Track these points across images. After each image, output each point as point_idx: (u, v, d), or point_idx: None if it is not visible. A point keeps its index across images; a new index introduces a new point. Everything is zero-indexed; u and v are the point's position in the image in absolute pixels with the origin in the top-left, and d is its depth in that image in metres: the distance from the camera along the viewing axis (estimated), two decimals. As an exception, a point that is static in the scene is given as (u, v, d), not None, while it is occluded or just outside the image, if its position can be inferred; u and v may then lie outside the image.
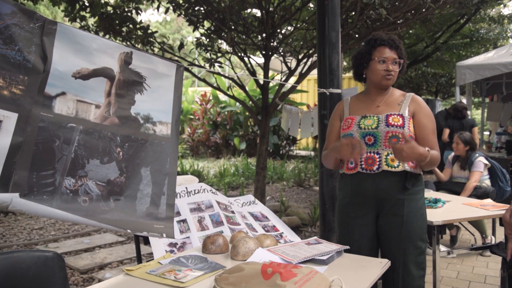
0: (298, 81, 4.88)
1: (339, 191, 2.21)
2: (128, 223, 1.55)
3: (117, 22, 4.58)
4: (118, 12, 4.60)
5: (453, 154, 4.57)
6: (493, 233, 4.00)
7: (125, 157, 1.60)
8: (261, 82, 4.89)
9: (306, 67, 4.88)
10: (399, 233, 2.00)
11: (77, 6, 4.55)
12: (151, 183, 1.65)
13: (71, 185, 1.46)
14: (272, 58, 4.95)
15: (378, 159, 2.00)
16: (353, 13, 4.40)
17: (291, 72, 4.97)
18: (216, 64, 4.82)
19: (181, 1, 4.65)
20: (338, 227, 2.20)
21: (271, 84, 9.35)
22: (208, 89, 13.16)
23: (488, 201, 3.27)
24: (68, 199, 1.44)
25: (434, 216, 2.81)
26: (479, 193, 4.17)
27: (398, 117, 2.00)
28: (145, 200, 1.62)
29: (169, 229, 1.64)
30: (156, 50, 4.94)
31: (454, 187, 4.32)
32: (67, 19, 4.71)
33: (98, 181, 1.52)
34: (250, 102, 9.17)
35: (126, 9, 4.68)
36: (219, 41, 5.22)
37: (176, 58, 4.68)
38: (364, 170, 2.02)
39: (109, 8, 4.71)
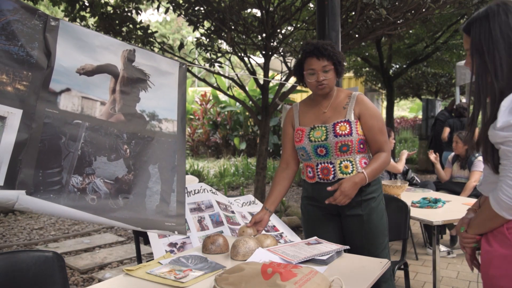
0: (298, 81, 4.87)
1: (302, 191, 2.25)
2: (138, 221, 1.55)
3: (117, 22, 4.58)
4: (118, 12, 4.60)
5: (453, 154, 4.57)
6: (493, 233, 3.99)
7: (132, 154, 1.60)
8: (261, 82, 4.89)
9: (306, 67, 4.87)
10: (361, 231, 2.07)
11: (77, 6, 4.56)
12: (160, 181, 1.65)
13: (78, 183, 1.45)
14: (272, 58, 4.95)
15: (332, 169, 2.05)
16: (353, 13, 4.39)
17: (291, 72, 4.97)
18: (216, 64, 4.82)
19: (181, 1, 4.65)
20: (304, 227, 2.25)
21: (271, 84, 9.35)
22: (208, 89, 13.15)
23: (488, 201, 3.26)
24: (75, 197, 1.44)
25: (434, 216, 2.80)
26: (479, 193, 4.15)
27: (345, 124, 2.03)
28: (154, 197, 1.62)
29: (181, 226, 1.64)
30: (156, 50, 4.94)
31: (454, 187, 4.31)
32: (67, 19, 4.71)
33: (106, 179, 1.52)
34: (250, 102, 9.16)
35: (126, 9, 4.68)
36: (219, 41, 5.22)
37: (176, 58, 4.67)
38: (321, 180, 2.08)
39: (109, 8, 4.71)
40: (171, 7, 4.67)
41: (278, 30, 4.91)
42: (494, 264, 1.30)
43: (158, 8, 4.82)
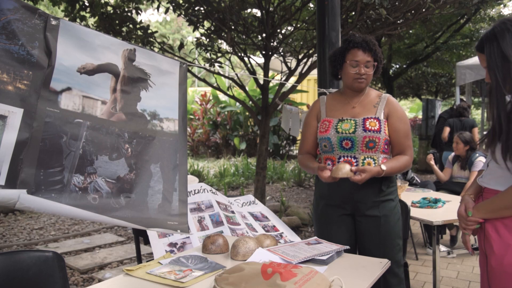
0: (298, 81, 4.88)
1: (315, 190, 2.22)
2: (140, 220, 1.56)
3: (117, 22, 4.58)
4: (118, 12, 4.60)
5: (453, 154, 4.57)
6: (493, 233, 3.99)
7: (134, 153, 1.60)
8: (261, 82, 4.89)
9: (306, 67, 4.88)
10: (378, 233, 2.05)
11: (77, 6, 4.56)
12: (162, 180, 1.65)
13: (80, 182, 1.45)
14: (272, 58, 4.95)
15: (355, 164, 2.02)
16: (353, 13, 4.39)
17: (291, 72, 4.97)
18: (216, 64, 4.82)
19: (181, 1, 4.65)
20: (315, 227, 2.22)
21: (271, 84, 9.35)
22: (208, 89, 13.15)
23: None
24: (77, 197, 1.44)
25: (434, 216, 2.80)
26: (479, 193, 4.15)
27: (375, 121, 2.02)
28: (156, 197, 1.62)
29: (183, 225, 1.64)
30: (156, 50, 4.93)
31: (454, 187, 4.31)
32: (67, 19, 4.71)
33: (107, 178, 1.52)
34: (250, 102, 9.16)
35: (126, 9, 4.68)
36: (219, 41, 5.22)
37: (176, 58, 4.67)
38: None
39: (109, 8, 4.71)
40: (171, 7, 4.67)
41: (278, 30, 4.91)
42: (511, 253, 1.36)
43: (158, 8, 4.81)
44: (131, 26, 4.66)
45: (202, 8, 4.55)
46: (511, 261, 1.36)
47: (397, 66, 10.84)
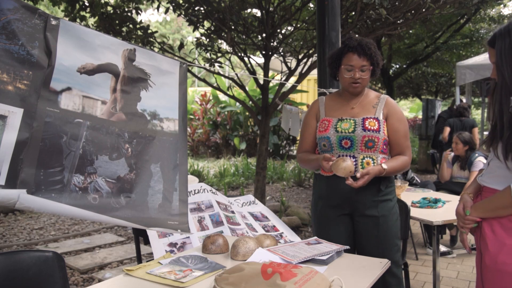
0: (298, 81, 4.88)
1: (313, 191, 2.22)
2: (141, 219, 1.56)
3: (117, 22, 4.58)
4: (118, 12, 4.60)
5: (453, 154, 4.57)
6: (493, 233, 3.99)
7: (134, 153, 1.60)
8: (261, 82, 4.89)
9: (306, 67, 4.88)
10: (377, 233, 2.05)
11: (77, 6, 4.56)
12: (162, 180, 1.65)
13: (80, 182, 1.45)
14: (272, 58, 4.95)
15: (354, 163, 2.02)
16: (353, 13, 4.40)
17: (291, 72, 4.97)
18: (216, 64, 4.82)
19: (181, 1, 4.65)
20: (314, 227, 2.22)
21: (271, 84, 9.35)
22: (208, 89, 13.15)
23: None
24: (77, 197, 1.44)
25: (434, 216, 2.80)
26: (479, 193, 4.15)
27: (374, 120, 2.03)
28: (156, 196, 1.62)
29: (184, 225, 1.65)
30: (156, 50, 4.93)
31: (454, 187, 4.31)
32: (67, 19, 4.71)
33: (107, 178, 1.52)
34: (250, 102, 9.16)
35: (126, 9, 4.68)
36: (219, 41, 5.22)
37: (176, 58, 4.66)
38: None
39: (109, 8, 4.71)
40: (171, 7, 4.67)
41: (278, 30, 4.91)
42: (505, 251, 1.37)
43: (158, 8, 4.81)
44: (131, 26, 4.66)
45: (202, 8, 4.55)
46: (504, 259, 1.37)
47: (397, 66, 10.85)
